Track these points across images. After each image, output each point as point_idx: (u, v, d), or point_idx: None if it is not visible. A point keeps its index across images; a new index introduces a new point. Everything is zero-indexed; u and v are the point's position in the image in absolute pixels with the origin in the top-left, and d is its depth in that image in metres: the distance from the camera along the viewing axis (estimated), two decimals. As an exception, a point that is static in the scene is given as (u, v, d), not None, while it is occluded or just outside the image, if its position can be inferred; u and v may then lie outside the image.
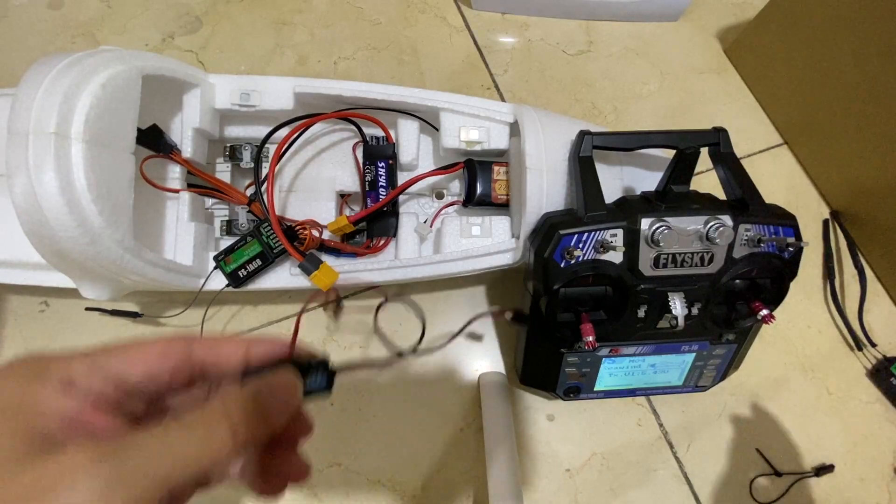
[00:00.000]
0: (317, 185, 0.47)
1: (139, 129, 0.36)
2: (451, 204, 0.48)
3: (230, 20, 0.59)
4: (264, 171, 0.43)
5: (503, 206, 0.45)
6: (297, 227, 0.43)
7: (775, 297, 0.38)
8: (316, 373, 0.20)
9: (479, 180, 0.44)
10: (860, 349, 0.52)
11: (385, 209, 0.44)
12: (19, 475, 0.14)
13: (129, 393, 0.17)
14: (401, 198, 0.47)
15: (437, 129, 0.45)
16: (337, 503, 0.45)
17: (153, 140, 0.40)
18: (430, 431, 0.47)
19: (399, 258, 0.45)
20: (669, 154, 0.39)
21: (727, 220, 0.35)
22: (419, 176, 0.43)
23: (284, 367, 0.19)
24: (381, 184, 0.45)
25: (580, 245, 0.35)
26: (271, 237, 0.42)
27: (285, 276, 0.43)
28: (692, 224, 0.35)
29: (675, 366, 0.42)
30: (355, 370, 0.21)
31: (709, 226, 0.35)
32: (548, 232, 0.36)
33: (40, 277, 0.42)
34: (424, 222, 0.47)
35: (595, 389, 0.43)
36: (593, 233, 0.35)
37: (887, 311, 0.54)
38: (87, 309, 0.46)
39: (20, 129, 0.30)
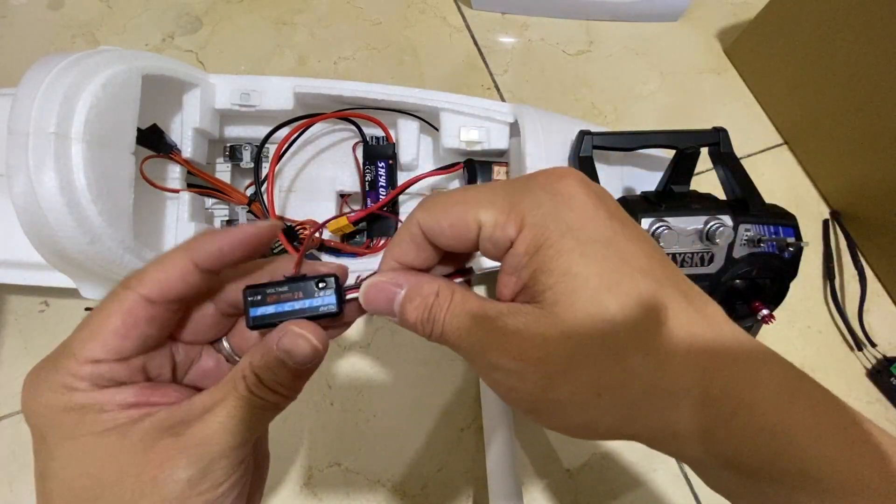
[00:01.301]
0: (317, 185, 0.47)
1: (139, 129, 0.36)
2: (451, 204, 0.48)
3: (230, 20, 0.59)
4: (264, 171, 0.43)
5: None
6: (297, 227, 0.43)
7: (775, 297, 0.38)
8: (323, 290, 0.18)
9: (479, 180, 0.44)
10: (860, 349, 0.52)
11: (385, 209, 0.44)
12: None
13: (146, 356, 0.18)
14: (401, 198, 0.47)
15: (437, 129, 0.45)
16: (337, 503, 0.45)
17: (153, 140, 0.40)
18: (430, 431, 0.47)
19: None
20: (669, 154, 0.39)
21: (727, 220, 0.35)
22: (419, 176, 0.43)
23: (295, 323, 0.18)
24: (381, 184, 0.45)
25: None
26: (271, 237, 0.42)
27: (285, 276, 0.43)
28: (692, 224, 0.35)
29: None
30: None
31: (709, 226, 0.35)
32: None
33: (40, 277, 0.42)
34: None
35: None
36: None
37: (887, 311, 0.54)
38: (86, 309, 0.46)
39: (20, 129, 0.30)
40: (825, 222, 0.56)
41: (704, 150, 0.39)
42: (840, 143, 0.53)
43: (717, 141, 0.39)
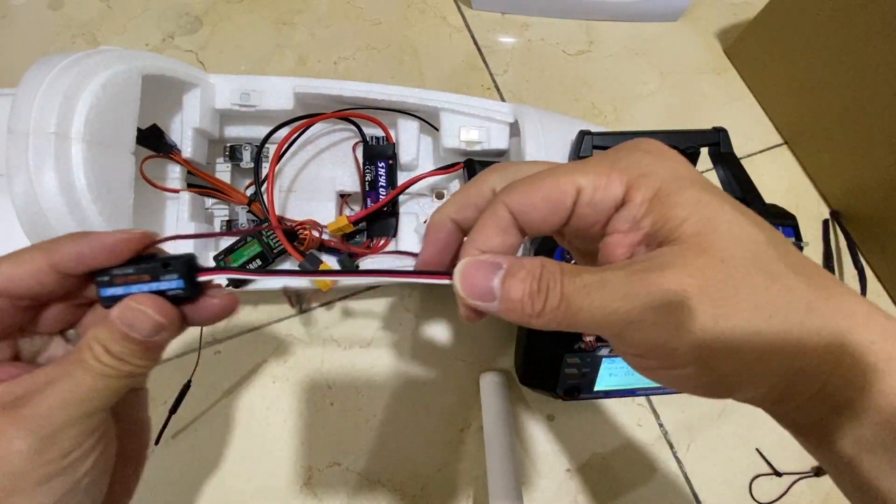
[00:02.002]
0: (317, 185, 0.47)
1: (139, 129, 0.36)
2: (451, 204, 0.48)
3: (230, 20, 0.59)
4: (264, 171, 0.43)
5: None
6: (297, 227, 0.43)
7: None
8: (170, 272, 0.18)
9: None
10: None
11: (385, 209, 0.44)
12: None
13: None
14: (401, 198, 0.47)
15: (437, 129, 0.45)
16: (337, 503, 0.45)
17: (153, 140, 0.40)
18: (430, 431, 0.47)
19: (399, 258, 0.45)
20: (669, 154, 0.39)
21: (727, 220, 0.35)
22: (419, 176, 0.43)
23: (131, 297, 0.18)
24: (381, 184, 0.45)
25: (580, 245, 0.35)
26: (271, 237, 0.42)
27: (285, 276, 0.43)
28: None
29: (675, 366, 0.42)
30: (231, 274, 0.19)
31: (709, 226, 0.35)
32: (548, 232, 0.36)
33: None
34: (424, 222, 0.47)
35: (595, 389, 0.43)
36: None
37: (887, 310, 0.54)
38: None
39: (20, 129, 0.30)
40: (825, 222, 0.56)
41: (704, 150, 0.39)
42: (840, 143, 0.53)
43: (717, 141, 0.39)
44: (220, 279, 0.19)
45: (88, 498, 0.17)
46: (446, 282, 0.18)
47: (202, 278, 0.18)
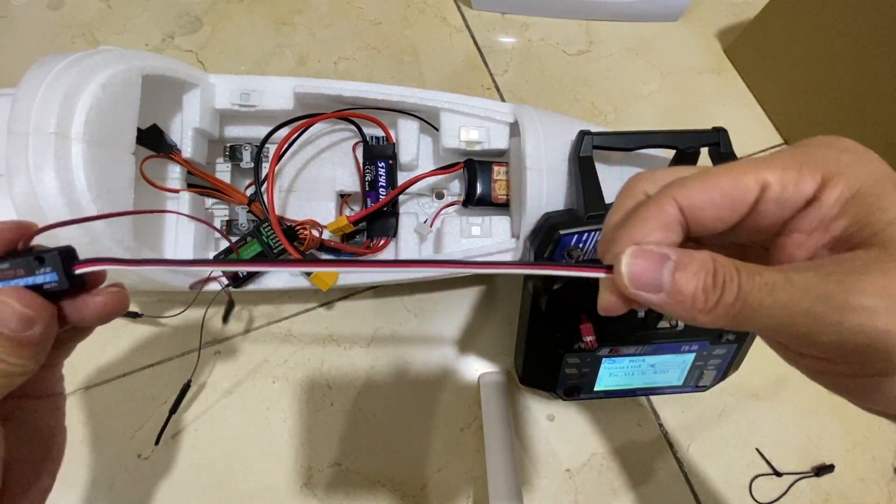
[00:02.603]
0: (317, 185, 0.47)
1: (139, 129, 0.36)
2: (451, 204, 0.48)
3: (230, 20, 0.59)
4: (264, 171, 0.43)
5: (503, 206, 0.45)
6: (297, 227, 0.43)
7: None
8: (43, 265, 0.17)
9: (479, 180, 0.44)
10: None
11: (385, 209, 0.44)
12: None
13: None
14: (401, 198, 0.47)
15: (437, 129, 0.45)
16: (337, 503, 0.45)
17: (153, 140, 0.40)
18: (430, 431, 0.47)
19: (398, 258, 0.45)
20: (669, 154, 0.39)
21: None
22: (419, 176, 0.43)
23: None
24: (381, 184, 0.45)
25: (580, 245, 0.35)
26: (271, 237, 0.42)
27: (285, 276, 0.43)
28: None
29: (675, 366, 0.42)
30: (111, 265, 0.18)
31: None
32: (548, 232, 0.36)
33: (40, 277, 0.42)
34: (424, 222, 0.47)
35: (595, 389, 0.43)
36: (594, 232, 0.35)
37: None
38: (87, 309, 0.46)
39: (20, 129, 0.30)
40: (825, 222, 0.56)
41: (704, 150, 0.39)
42: (840, 143, 0.53)
43: (717, 141, 0.39)
44: (203, 272, 0.18)
45: None
46: (601, 275, 0.17)
47: (79, 270, 0.18)
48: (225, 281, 0.42)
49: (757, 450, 0.49)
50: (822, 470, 0.48)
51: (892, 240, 0.13)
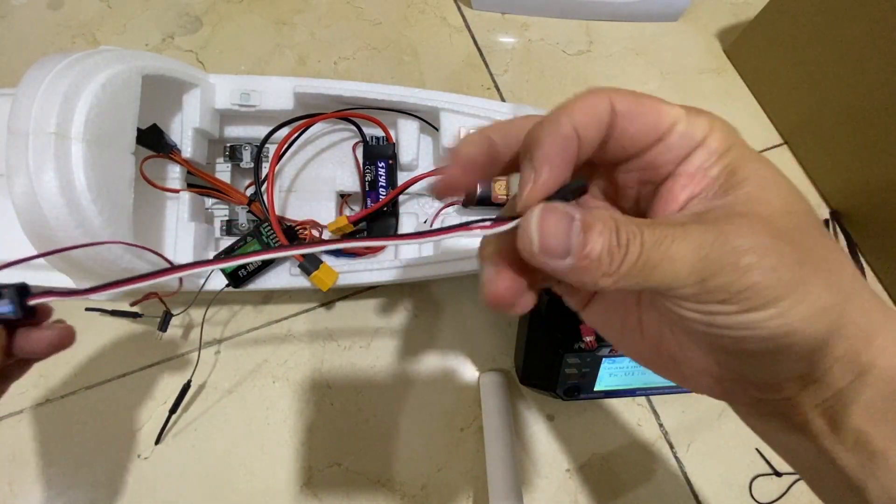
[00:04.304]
0: (317, 185, 0.47)
1: (139, 129, 0.36)
2: (451, 204, 0.48)
3: (230, 20, 0.59)
4: (264, 171, 0.43)
5: (503, 207, 0.45)
6: (297, 227, 0.43)
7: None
8: (3, 299, 0.19)
9: (479, 180, 0.44)
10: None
11: (385, 209, 0.44)
12: None
13: None
14: (401, 198, 0.47)
15: (437, 129, 0.45)
16: (337, 503, 0.45)
17: (153, 140, 0.40)
18: (430, 431, 0.47)
19: (399, 258, 0.45)
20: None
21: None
22: (419, 176, 0.43)
23: None
24: (381, 184, 0.45)
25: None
26: (271, 237, 0.42)
27: (285, 276, 0.43)
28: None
29: (675, 366, 0.42)
30: (61, 296, 0.20)
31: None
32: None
33: (40, 277, 0.42)
34: (424, 222, 0.47)
35: (595, 389, 0.43)
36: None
37: (887, 311, 0.54)
38: (87, 309, 0.46)
39: (20, 129, 0.30)
40: (825, 222, 0.56)
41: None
42: (840, 143, 0.53)
43: (717, 141, 0.39)
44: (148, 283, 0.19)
45: None
46: (508, 226, 0.16)
47: (33, 302, 0.20)
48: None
49: (757, 450, 0.49)
50: (822, 470, 0.48)
51: (757, 188, 0.15)
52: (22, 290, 0.19)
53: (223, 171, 0.45)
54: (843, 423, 0.15)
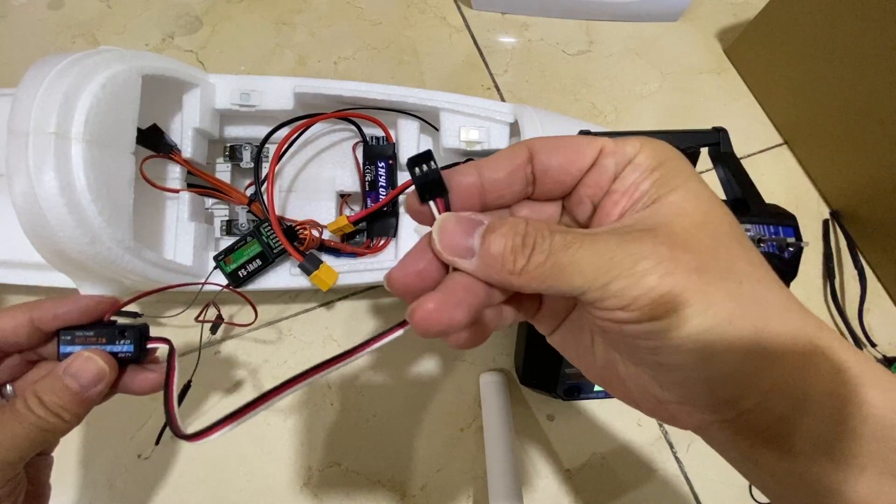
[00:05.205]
0: (317, 185, 0.47)
1: (139, 129, 0.36)
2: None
3: (230, 20, 0.59)
4: (264, 171, 0.43)
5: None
6: (297, 227, 0.43)
7: (775, 297, 0.38)
8: (124, 338, 0.21)
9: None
10: (860, 349, 0.52)
11: (385, 209, 0.44)
12: None
13: None
14: (401, 198, 0.47)
15: (437, 129, 0.45)
16: (337, 503, 0.45)
17: (153, 140, 0.40)
18: (430, 431, 0.47)
19: (399, 258, 0.45)
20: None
21: (727, 220, 0.35)
22: (419, 176, 0.43)
23: (78, 356, 0.21)
24: (381, 184, 0.45)
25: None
26: (271, 237, 0.42)
27: (285, 276, 0.43)
28: (692, 224, 0.35)
29: (675, 366, 0.42)
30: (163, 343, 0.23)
31: (709, 226, 0.35)
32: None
33: (40, 277, 0.42)
34: (424, 222, 0.47)
35: (595, 389, 0.43)
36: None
37: (887, 311, 0.54)
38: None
39: (20, 129, 0.30)
40: (825, 222, 0.56)
41: (704, 150, 0.39)
42: (840, 143, 0.53)
43: (717, 141, 0.39)
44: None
45: None
46: (404, 329, 0.19)
47: (150, 346, 0.22)
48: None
49: (757, 450, 0.49)
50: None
51: (680, 199, 0.16)
52: (142, 333, 0.21)
53: (223, 171, 0.45)
54: (787, 454, 0.15)
